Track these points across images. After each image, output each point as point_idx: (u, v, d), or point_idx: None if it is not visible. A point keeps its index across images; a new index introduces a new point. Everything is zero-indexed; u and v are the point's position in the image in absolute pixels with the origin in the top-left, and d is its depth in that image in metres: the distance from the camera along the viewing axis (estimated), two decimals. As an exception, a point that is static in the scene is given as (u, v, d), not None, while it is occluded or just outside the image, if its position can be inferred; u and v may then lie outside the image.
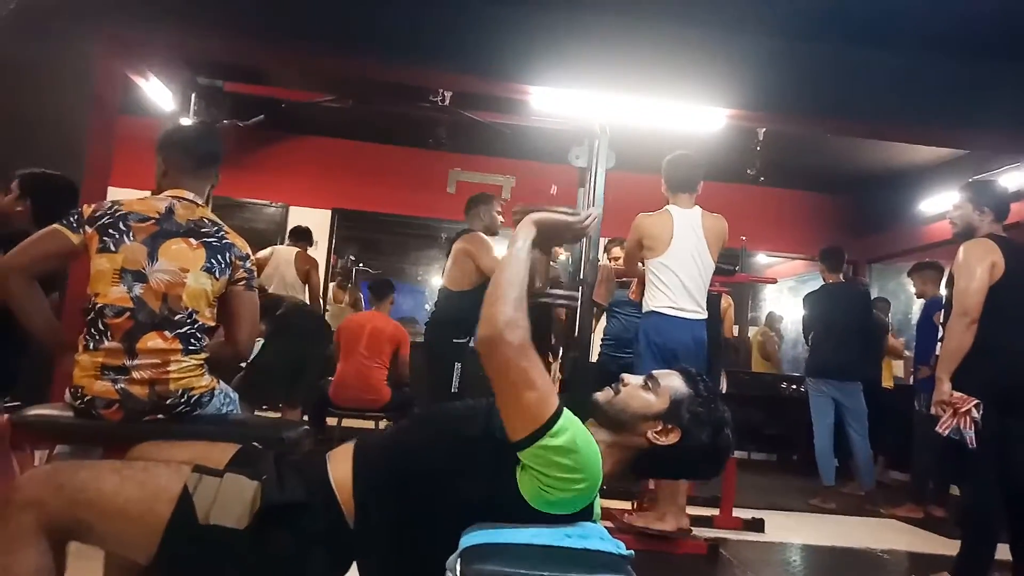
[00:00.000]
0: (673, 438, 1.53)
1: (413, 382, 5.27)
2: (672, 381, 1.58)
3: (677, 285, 3.65)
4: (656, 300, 3.69)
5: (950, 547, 3.45)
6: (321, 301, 6.31)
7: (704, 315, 3.71)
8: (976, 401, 3.00)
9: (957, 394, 3.03)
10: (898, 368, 6.80)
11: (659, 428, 1.53)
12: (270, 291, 5.68)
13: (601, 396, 1.60)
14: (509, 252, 1.51)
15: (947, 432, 3.03)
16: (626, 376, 1.62)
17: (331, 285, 7.91)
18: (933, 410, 3.13)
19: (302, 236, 6.30)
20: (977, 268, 3.10)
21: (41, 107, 3.91)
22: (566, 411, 1.39)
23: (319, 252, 7.57)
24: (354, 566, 1.49)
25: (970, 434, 2.99)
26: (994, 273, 3.10)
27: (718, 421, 1.56)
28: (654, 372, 1.62)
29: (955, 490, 4.91)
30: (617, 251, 4.99)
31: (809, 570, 3.70)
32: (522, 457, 1.37)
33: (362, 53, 4.27)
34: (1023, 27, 4.05)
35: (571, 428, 1.37)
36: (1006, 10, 3.92)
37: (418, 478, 1.46)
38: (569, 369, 4.05)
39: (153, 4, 4.04)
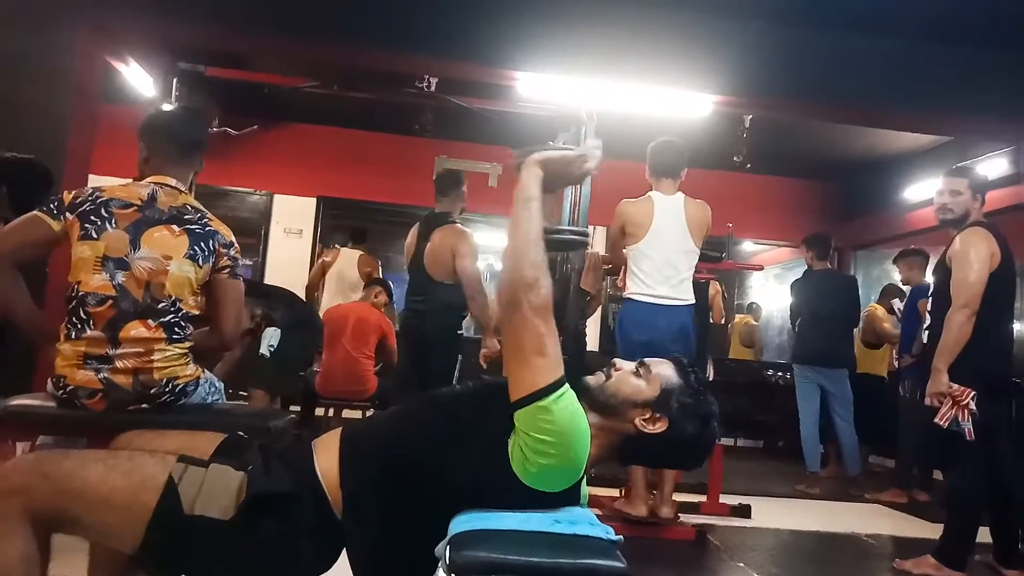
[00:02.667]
0: (660, 427, 1.53)
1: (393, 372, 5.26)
2: (664, 370, 1.58)
3: (654, 271, 3.63)
4: (632, 287, 3.69)
5: (934, 531, 3.48)
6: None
7: (686, 301, 3.69)
8: (974, 393, 3.00)
9: (956, 386, 3.03)
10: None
11: (647, 416, 1.53)
12: (329, 290, 5.97)
13: (592, 380, 1.59)
14: (521, 204, 1.49)
15: (947, 423, 3.03)
16: (618, 361, 1.62)
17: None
18: (928, 400, 3.11)
19: (361, 237, 6.40)
20: (979, 259, 3.09)
21: (22, 95, 3.85)
22: (568, 387, 1.41)
23: (304, 241, 7.53)
24: (342, 556, 1.48)
25: (968, 426, 2.99)
26: (992, 263, 3.11)
27: (706, 414, 1.56)
28: (646, 360, 1.61)
29: (939, 475, 4.97)
30: None
31: (795, 555, 3.73)
32: (516, 419, 1.39)
33: (346, 38, 4.23)
34: (1007, 15, 4.07)
35: (568, 402, 1.39)
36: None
37: (408, 463, 1.45)
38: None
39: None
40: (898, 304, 6.22)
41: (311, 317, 4.46)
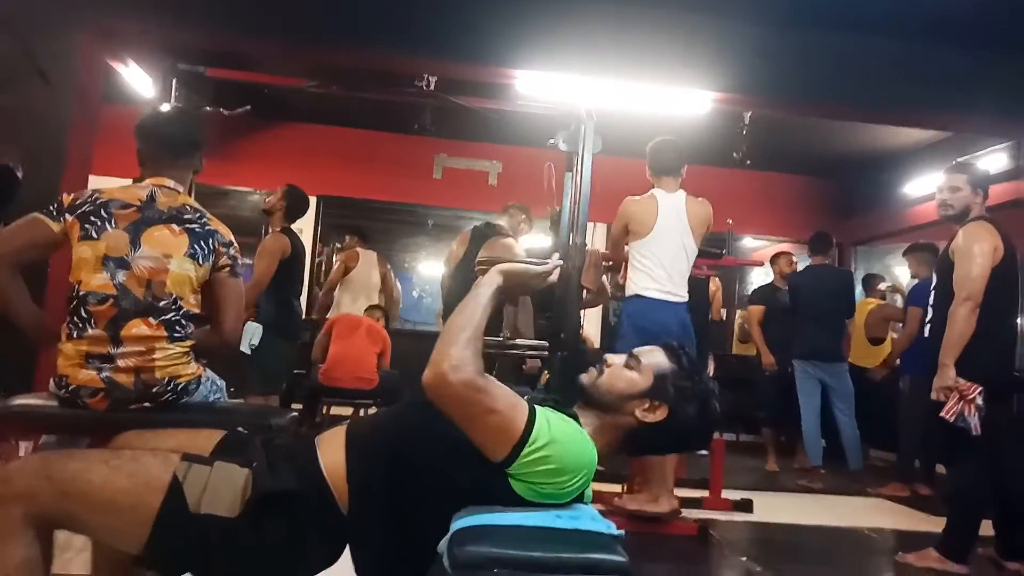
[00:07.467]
0: (661, 415, 1.53)
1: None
2: (655, 357, 1.58)
3: (661, 268, 3.65)
4: (640, 283, 3.69)
5: (936, 524, 3.49)
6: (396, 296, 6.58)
7: (685, 298, 3.72)
8: (980, 388, 3.00)
9: (963, 381, 3.02)
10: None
11: (646, 406, 1.53)
12: (352, 292, 6.06)
13: (585, 378, 1.59)
14: (469, 296, 1.51)
15: (953, 418, 3.02)
16: (609, 356, 1.62)
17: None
18: (935, 395, 3.11)
19: (367, 236, 6.55)
20: (982, 253, 3.09)
21: (23, 97, 3.85)
22: (539, 414, 1.40)
23: (304, 240, 7.52)
24: (346, 552, 1.48)
25: (974, 421, 2.98)
26: (995, 257, 3.10)
27: (703, 393, 1.56)
28: (635, 350, 1.61)
29: (941, 469, 4.97)
30: None
31: (797, 549, 3.73)
32: (511, 472, 1.38)
33: (345, 39, 4.23)
34: (1004, 16, 4.07)
35: (549, 430, 1.38)
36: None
37: (415, 460, 1.45)
38: (558, 371, 3.98)
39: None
40: (884, 285, 6.26)
41: (297, 324, 4.48)
